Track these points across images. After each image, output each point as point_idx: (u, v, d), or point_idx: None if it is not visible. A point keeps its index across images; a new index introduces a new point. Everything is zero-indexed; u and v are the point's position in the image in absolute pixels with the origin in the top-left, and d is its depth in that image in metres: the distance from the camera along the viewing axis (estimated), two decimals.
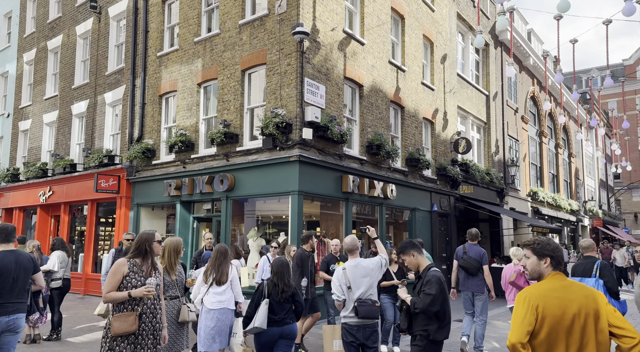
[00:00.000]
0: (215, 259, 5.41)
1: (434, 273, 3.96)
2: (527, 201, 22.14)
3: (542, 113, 25.67)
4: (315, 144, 9.86)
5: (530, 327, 2.45)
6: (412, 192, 13.35)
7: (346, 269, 4.65)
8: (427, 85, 14.59)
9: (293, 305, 4.77)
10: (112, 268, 3.75)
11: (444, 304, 3.86)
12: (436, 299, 3.80)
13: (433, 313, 3.83)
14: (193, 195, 11.24)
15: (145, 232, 3.98)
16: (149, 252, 3.89)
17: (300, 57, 9.66)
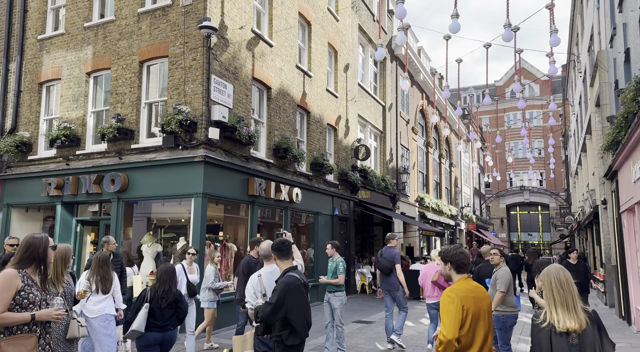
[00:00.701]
0: (99, 267, 5.31)
1: (284, 279, 3.86)
2: (415, 206, 23.74)
3: (429, 125, 27.79)
4: (221, 144, 9.45)
5: (460, 323, 2.96)
6: (316, 196, 13.49)
7: (262, 275, 4.44)
8: (332, 93, 14.91)
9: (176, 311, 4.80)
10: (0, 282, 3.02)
11: (293, 311, 3.73)
12: (277, 309, 3.70)
13: (277, 321, 3.75)
14: (77, 195, 10.08)
15: (34, 235, 3.28)
16: (42, 261, 3.24)
17: (207, 53, 9.20)
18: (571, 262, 9.93)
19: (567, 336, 2.63)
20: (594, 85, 13.28)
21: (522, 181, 52.92)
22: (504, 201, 52.98)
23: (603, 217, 12.84)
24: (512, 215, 54.77)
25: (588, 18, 16.33)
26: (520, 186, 50.92)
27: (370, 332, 9.05)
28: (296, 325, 3.74)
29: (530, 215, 54.71)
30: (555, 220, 47.69)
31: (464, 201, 37.70)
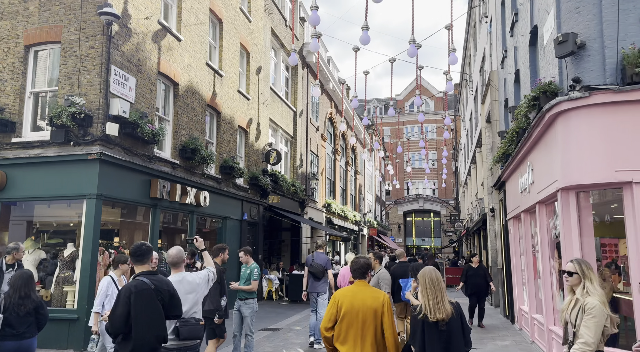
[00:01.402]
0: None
1: (128, 283, 3.65)
2: (323, 211, 24.12)
3: (337, 133, 28.53)
4: (121, 142, 8.68)
5: (333, 317, 3.56)
6: (225, 200, 13.02)
7: None
8: (243, 94, 14.57)
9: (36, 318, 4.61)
10: None
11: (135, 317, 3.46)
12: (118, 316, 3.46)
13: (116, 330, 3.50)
14: None
15: None
16: None
17: (107, 42, 8.42)
18: (473, 266, 10.70)
19: (437, 325, 3.33)
20: (485, 103, 14.58)
21: (417, 189, 56.52)
22: (402, 208, 56.11)
23: (490, 224, 14.08)
24: (408, 221, 58.16)
25: (480, 41, 17.94)
26: (417, 194, 54.39)
27: (277, 340, 8.88)
28: (135, 333, 3.42)
29: (424, 221, 58.55)
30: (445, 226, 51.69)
31: (366, 208, 39.21)
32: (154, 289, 3.56)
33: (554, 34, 5.79)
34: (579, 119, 5.26)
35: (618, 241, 5.57)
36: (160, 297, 3.59)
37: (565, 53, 5.17)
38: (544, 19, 6.40)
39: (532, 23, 7.29)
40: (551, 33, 5.98)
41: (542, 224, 7.09)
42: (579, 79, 5.18)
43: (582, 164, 5.27)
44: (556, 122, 5.62)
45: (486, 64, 15.98)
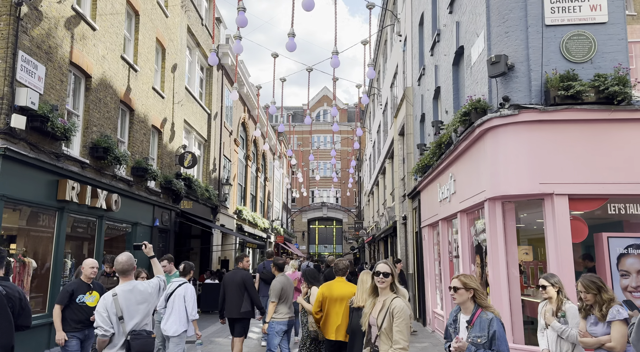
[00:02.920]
0: None
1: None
2: (234, 218, 23.61)
3: (250, 139, 28.23)
4: (26, 136, 7.68)
5: (318, 303, 5.08)
6: (136, 204, 12.12)
7: (118, 295, 3.70)
8: (158, 92, 13.76)
9: None
10: None
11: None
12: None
13: None
14: None
15: None
16: None
17: (15, 24, 7.43)
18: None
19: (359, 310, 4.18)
20: (399, 117, 15.48)
21: (322, 197, 57.91)
22: (306, 215, 57.01)
23: (401, 231, 14.90)
24: (312, 229, 59.26)
25: (392, 58, 19.05)
26: (322, 202, 55.68)
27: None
28: None
29: (327, 229, 60.04)
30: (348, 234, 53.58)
31: (274, 215, 39.18)
32: (5, 295, 3.41)
33: (483, 54, 6.37)
34: (507, 134, 5.84)
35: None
36: (10, 304, 3.44)
37: (497, 73, 5.72)
38: (472, 41, 7.01)
39: (458, 43, 7.93)
40: (480, 53, 6.57)
41: (463, 232, 7.69)
42: (508, 97, 5.76)
43: (508, 176, 5.84)
44: (485, 136, 6.17)
45: (398, 80, 17.00)
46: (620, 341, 3.55)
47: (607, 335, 3.65)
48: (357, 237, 42.14)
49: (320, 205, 55.54)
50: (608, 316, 3.64)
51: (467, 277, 3.48)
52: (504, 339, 3.21)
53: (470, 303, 3.39)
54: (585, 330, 3.81)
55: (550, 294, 4.30)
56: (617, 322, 3.59)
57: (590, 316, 3.81)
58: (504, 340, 3.21)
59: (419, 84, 12.17)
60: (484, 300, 3.39)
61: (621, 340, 3.55)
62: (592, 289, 3.75)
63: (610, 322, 3.62)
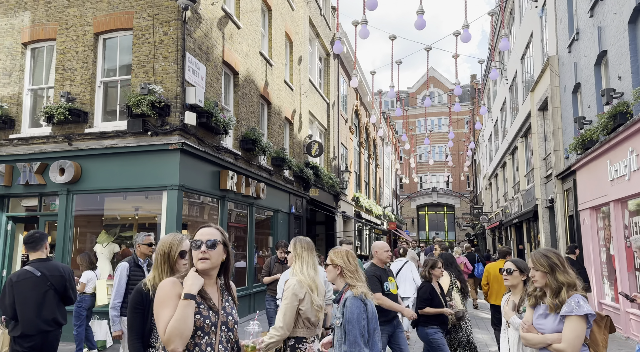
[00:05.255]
0: None
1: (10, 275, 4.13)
2: (352, 205, 23.88)
3: (362, 126, 28.25)
4: (195, 132, 8.41)
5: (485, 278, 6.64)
6: (275, 192, 12.76)
7: None
8: (288, 84, 14.28)
9: None
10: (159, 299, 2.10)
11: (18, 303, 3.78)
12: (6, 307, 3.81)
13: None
14: (12, 187, 8.35)
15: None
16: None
17: (182, 28, 8.13)
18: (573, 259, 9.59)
19: None
20: (537, 90, 14.22)
21: (431, 183, 56.22)
22: (415, 201, 55.77)
23: (545, 216, 13.75)
24: (421, 215, 57.86)
25: (523, 28, 17.55)
26: (432, 188, 54.00)
27: None
28: (21, 318, 3.76)
29: (437, 215, 58.14)
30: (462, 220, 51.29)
31: (385, 201, 38.97)
32: (40, 276, 3.80)
33: None
34: None
35: None
36: (49, 283, 3.84)
37: None
38: None
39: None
40: None
41: None
42: None
43: None
44: None
45: (533, 50, 15.60)
46: (573, 344, 2.59)
47: (557, 333, 2.68)
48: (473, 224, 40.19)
49: (431, 190, 53.89)
50: (563, 307, 2.66)
51: (335, 253, 3.18)
52: (354, 321, 2.82)
53: (341, 281, 3.12)
54: (530, 322, 2.83)
55: (512, 281, 3.39)
56: (573, 317, 2.61)
57: (540, 305, 2.83)
58: (354, 323, 2.81)
59: (569, 51, 11.00)
60: (349, 278, 3.08)
61: (574, 342, 2.59)
62: (541, 266, 2.76)
63: (565, 316, 2.64)
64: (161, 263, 2.69)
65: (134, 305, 2.57)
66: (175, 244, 2.73)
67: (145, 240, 4.78)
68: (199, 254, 2.11)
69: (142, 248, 4.78)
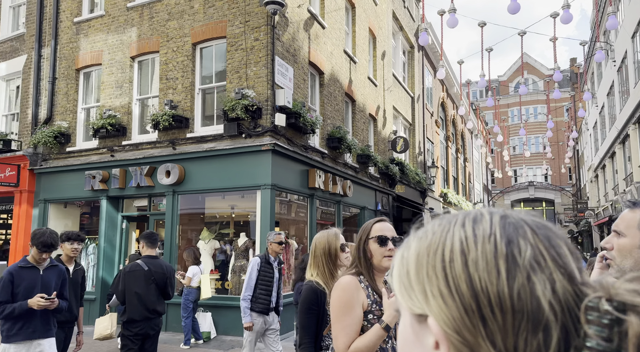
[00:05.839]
0: None
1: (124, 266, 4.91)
2: (440, 201, 23.16)
3: (449, 119, 27.24)
4: (285, 132, 8.71)
5: None
6: (361, 189, 12.79)
7: None
8: (372, 81, 14.21)
9: None
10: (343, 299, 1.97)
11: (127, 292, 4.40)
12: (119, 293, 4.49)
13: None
14: (126, 189, 9.29)
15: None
16: None
17: (271, 32, 8.45)
18: None
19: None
20: None
21: (527, 176, 52.59)
22: (509, 197, 52.54)
23: None
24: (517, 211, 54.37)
25: (635, 2, 15.77)
26: (529, 182, 50.50)
27: None
28: (127, 304, 4.37)
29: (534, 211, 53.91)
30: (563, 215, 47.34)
31: (475, 197, 37.26)
32: (147, 271, 4.37)
33: None
34: None
35: None
36: (153, 277, 4.39)
37: None
38: None
39: None
40: None
41: None
42: None
43: None
44: None
45: None
46: None
47: None
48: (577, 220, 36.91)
49: (527, 185, 50.42)
50: None
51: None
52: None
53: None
54: None
55: None
56: None
57: None
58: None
59: None
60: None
61: None
62: None
63: None
64: (322, 260, 2.65)
65: (308, 305, 2.45)
66: (333, 239, 2.70)
67: (277, 238, 4.98)
68: (385, 251, 1.94)
69: (273, 246, 4.95)
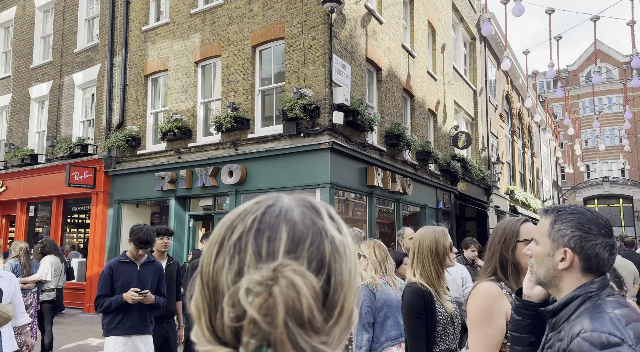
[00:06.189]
0: None
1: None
2: (506, 199, 22.14)
3: (514, 112, 25.97)
4: (343, 130, 8.68)
5: None
6: (421, 187, 12.48)
7: None
8: (431, 75, 13.82)
9: None
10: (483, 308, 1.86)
11: None
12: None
13: None
14: (192, 189, 9.68)
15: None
16: None
17: (328, 31, 8.45)
18: None
19: None
20: None
21: (602, 171, 49.09)
22: (581, 193, 49.23)
23: None
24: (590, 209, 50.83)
25: None
26: (604, 177, 47.07)
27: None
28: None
29: (610, 208, 50.54)
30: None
31: (544, 194, 35.29)
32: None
33: None
34: None
35: None
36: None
37: None
38: None
39: None
40: None
41: None
42: None
43: None
44: None
45: None
46: None
47: None
48: None
49: (601, 180, 47.02)
50: None
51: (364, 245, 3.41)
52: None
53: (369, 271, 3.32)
54: None
55: None
56: None
57: None
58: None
59: None
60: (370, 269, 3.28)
61: None
62: None
63: None
64: (427, 259, 2.46)
65: (416, 310, 2.36)
66: (441, 237, 2.50)
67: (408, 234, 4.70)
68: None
69: (405, 242, 4.69)
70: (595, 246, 1.37)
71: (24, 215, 12.45)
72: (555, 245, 1.41)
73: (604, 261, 1.38)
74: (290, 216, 0.59)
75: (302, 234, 0.58)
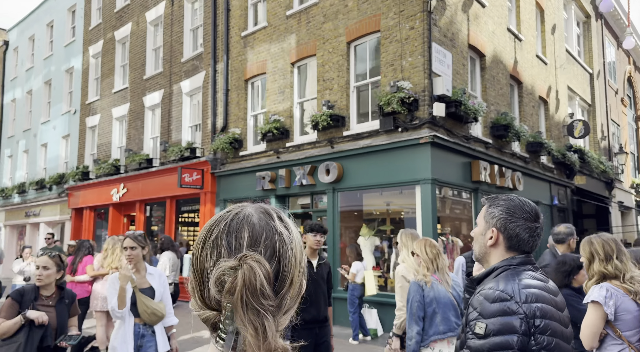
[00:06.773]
0: None
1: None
2: (631, 193, 19.59)
3: (638, 96, 22.91)
4: (444, 123, 8.17)
5: None
6: (533, 182, 11.41)
7: None
8: (541, 59, 12.59)
9: None
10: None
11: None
12: None
13: None
14: (290, 188, 9.81)
15: None
16: None
17: (427, 18, 8.00)
18: None
19: None
20: None
21: None
22: None
23: None
24: None
25: None
26: None
27: None
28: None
29: None
30: None
31: None
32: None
33: None
34: None
35: None
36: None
37: None
38: None
39: None
40: None
41: None
42: None
43: None
44: None
45: None
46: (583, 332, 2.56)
47: None
48: None
49: None
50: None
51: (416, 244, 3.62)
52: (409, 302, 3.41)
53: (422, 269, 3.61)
54: None
55: None
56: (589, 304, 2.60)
57: None
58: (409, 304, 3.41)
59: None
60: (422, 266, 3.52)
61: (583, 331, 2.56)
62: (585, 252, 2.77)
63: None
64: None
65: None
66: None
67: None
68: None
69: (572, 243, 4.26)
70: (517, 227, 1.65)
71: (142, 215, 13.63)
72: (487, 226, 1.71)
73: (524, 241, 1.66)
74: (250, 219, 0.83)
75: (259, 232, 0.82)
